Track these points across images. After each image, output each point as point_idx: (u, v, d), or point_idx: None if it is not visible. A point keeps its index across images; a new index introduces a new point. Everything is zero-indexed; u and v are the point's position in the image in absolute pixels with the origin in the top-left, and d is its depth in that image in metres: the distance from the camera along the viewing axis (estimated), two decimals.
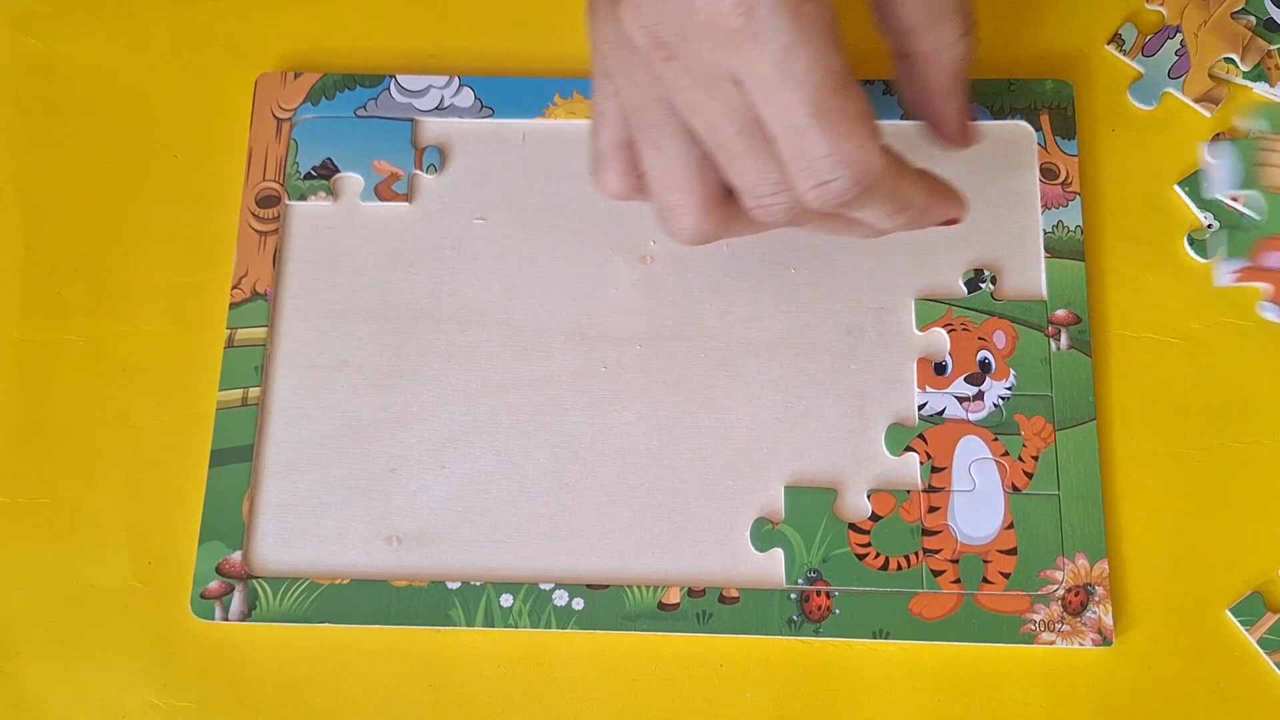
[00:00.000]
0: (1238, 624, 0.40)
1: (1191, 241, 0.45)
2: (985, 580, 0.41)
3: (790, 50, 0.30)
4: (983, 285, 0.44)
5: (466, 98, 0.47)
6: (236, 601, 0.41)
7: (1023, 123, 0.46)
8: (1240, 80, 0.46)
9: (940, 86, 0.38)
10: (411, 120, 0.47)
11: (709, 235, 0.36)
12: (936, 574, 0.41)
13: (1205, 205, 0.45)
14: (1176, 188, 0.45)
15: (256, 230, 0.45)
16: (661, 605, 0.41)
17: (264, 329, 0.44)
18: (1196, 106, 0.46)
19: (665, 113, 0.34)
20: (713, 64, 0.32)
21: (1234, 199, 0.44)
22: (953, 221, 0.38)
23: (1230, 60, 0.46)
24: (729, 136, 0.33)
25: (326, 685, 0.41)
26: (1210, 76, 0.46)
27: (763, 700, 0.40)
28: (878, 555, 0.41)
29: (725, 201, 0.36)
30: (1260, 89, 0.46)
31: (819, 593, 0.41)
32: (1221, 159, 0.44)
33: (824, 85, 0.31)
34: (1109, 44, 0.47)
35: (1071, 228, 0.44)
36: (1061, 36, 0.48)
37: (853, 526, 0.41)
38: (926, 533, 0.41)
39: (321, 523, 0.42)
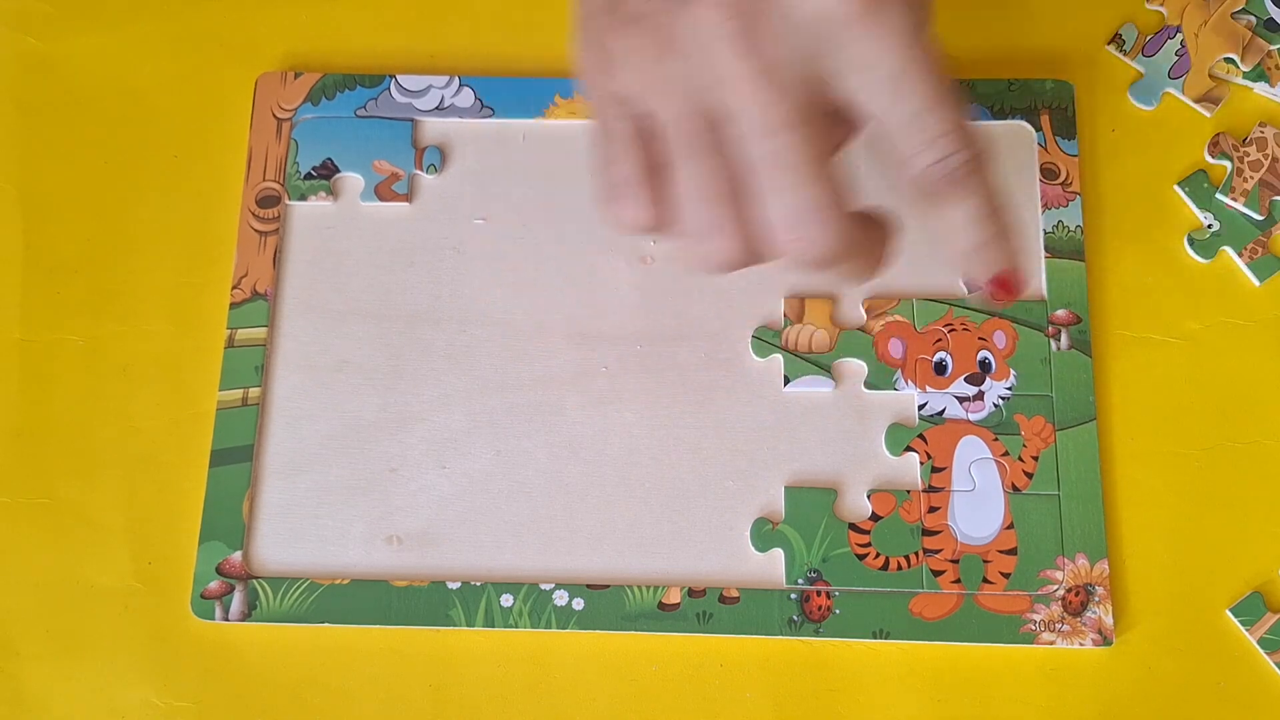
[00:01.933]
0: (1238, 624, 0.40)
1: (1191, 242, 0.45)
2: (985, 580, 0.41)
3: (914, 41, 0.31)
4: (983, 285, 0.44)
5: (467, 98, 0.47)
6: (236, 601, 0.41)
7: (1023, 123, 0.46)
8: (1241, 80, 0.46)
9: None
10: (412, 120, 0.46)
11: (746, 259, 0.33)
12: (937, 574, 0.41)
13: (1205, 205, 0.45)
14: (1176, 188, 0.45)
15: (257, 230, 0.45)
16: (661, 605, 0.41)
17: (264, 329, 0.44)
18: (1197, 107, 0.46)
19: (723, 118, 0.32)
20: (808, 58, 0.31)
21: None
22: (1004, 290, 0.35)
23: (1231, 60, 0.46)
24: (791, 148, 0.31)
25: (326, 685, 0.41)
26: (1210, 76, 0.46)
27: (763, 700, 0.40)
28: (878, 555, 0.41)
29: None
30: (1261, 89, 0.46)
31: (819, 593, 0.41)
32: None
33: (940, 71, 0.31)
34: (1109, 44, 0.47)
35: (1072, 228, 0.44)
36: (1061, 36, 0.48)
37: (853, 526, 0.41)
38: (927, 533, 0.41)
39: (322, 523, 0.42)
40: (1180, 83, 0.46)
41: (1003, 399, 0.43)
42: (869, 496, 0.42)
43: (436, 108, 0.47)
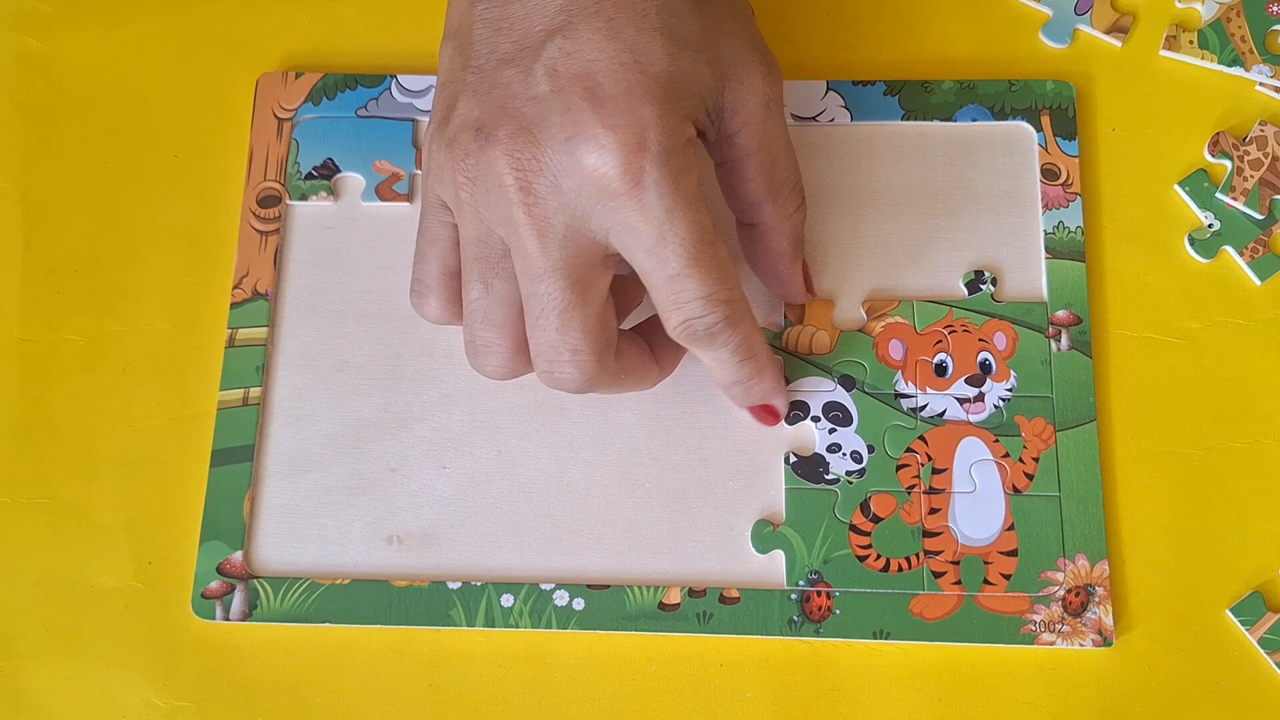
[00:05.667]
0: (1238, 624, 0.41)
1: (1192, 241, 0.45)
2: (986, 581, 0.41)
3: (671, 214, 0.34)
4: (983, 287, 0.44)
5: None
6: (237, 601, 0.41)
7: (1023, 123, 0.46)
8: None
9: (780, 251, 0.41)
10: (412, 120, 0.46)
11: (514, 374, 0.38)
12: (937, 575, 0.41)
13: (1206, 205, 0.45)
14: (1176, 188, 0.45)
15: (257, 230, 0.45)
16: (662, 605, 0.41)
17: (265, 329, 0.44)
18: (1108, 39, 0.47)
19: (502, 252, 0.36)
20: (580, 218, 0.35)
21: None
22: (770, 417, 0.42)
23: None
24: (550, 295, 0.35)
25: (326, 685, 0.41)
26: (1114, 8, 0.47)
27: (763, 700, 0.40)
28: (879, 557, 0.41)
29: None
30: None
31: (819, 593, 0.41)
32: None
33: (699, 241, 0.35)
34: None
35: (1072, 228, 0.44)
36: None
37: (853, 528, 0.41)
38: (927, 534, 0.41)
39: (322, 523, 0.42)
40: (1088, 17, 0.47)
41: (1003, 400, 0.43)
42: (869, 498, 0.42)
43: None
